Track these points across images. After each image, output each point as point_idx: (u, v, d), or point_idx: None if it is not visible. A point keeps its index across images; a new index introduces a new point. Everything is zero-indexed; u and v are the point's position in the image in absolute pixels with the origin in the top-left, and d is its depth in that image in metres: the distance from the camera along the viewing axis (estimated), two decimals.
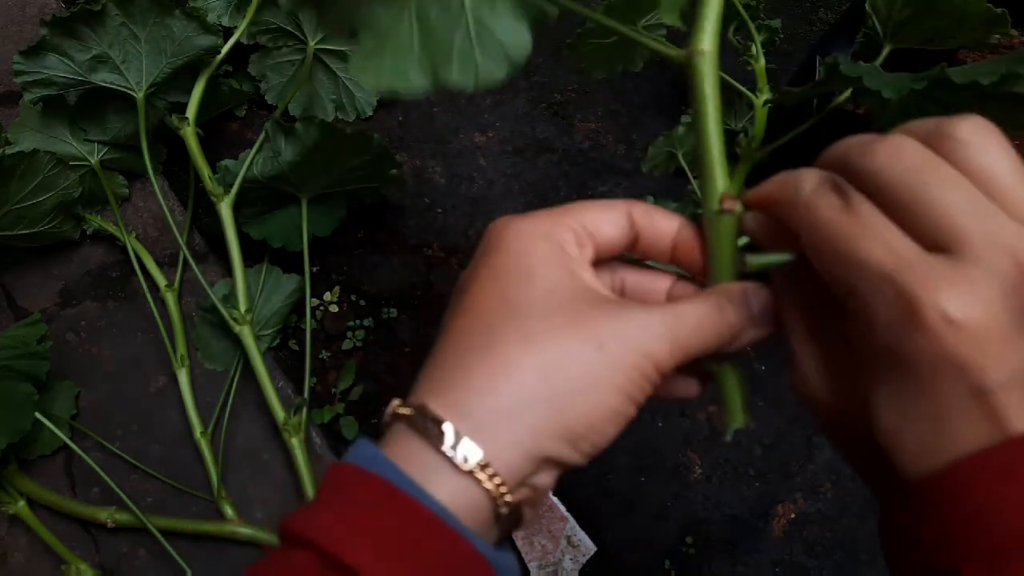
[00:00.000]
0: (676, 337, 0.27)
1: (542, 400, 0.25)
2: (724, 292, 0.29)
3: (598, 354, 0.26)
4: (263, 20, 0.78)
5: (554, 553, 0.68)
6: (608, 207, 0.30)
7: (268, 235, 0.72)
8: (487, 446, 0.25)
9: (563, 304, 0.27)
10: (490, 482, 0.25)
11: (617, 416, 0.26)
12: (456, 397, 0.26)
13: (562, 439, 0.26)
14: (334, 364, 0.76)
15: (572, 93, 0.91)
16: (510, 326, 0.26)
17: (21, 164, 0.65)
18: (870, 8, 0.63)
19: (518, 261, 0.27)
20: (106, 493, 0.66)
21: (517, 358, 0.26)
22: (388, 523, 0.24)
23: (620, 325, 0.26)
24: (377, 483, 0.25)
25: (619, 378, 0.26)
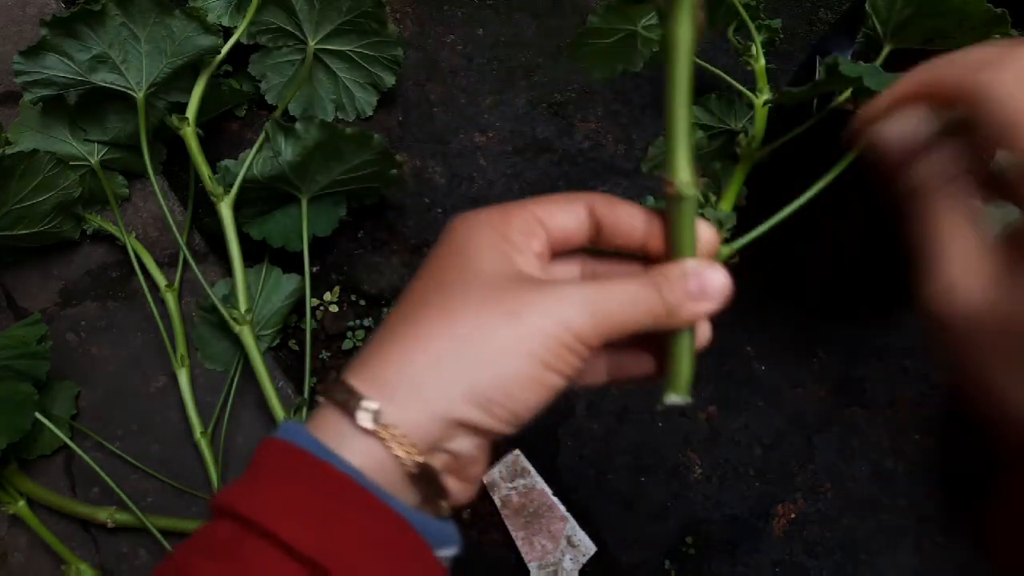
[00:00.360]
0: (598, 309, 0.27)
1: (452, 366, 0.27)
2: (661, 270, 0.29)
3: (511, 322, 0.27)
4: (263, 20, 0.78)
5: (554, 553, 0.68)
6: (567, 199, 0.31)
7: (268, 235, 0.72)
8: (394, 408, 0.26)
9: (488, 283, 0.28)
10: (394, 441, 0.26)
11: (534, 383, 0.27)
12: (372, 369, 0.28)
13: (473, 403, 0.27)
14: (334, 364, 0.76)
15: (572, 93, 0.91)
16: (433, 303, 0.28)
17: (21, 164, 0.65)
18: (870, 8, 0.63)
19: (459, 248, 0.29)
20: (106, 493, 0.66)
21: (433, 330, 0.27)
22: (300, 486, 0.26)
23: (536, 296, 0.27)
24: (293, 451, 0.27)
25: (532, 345, 0.26)
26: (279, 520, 0.25)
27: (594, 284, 0.28)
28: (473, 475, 0.29)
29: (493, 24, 0.95)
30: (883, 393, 0.77)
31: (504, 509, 0.69)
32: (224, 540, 0.25)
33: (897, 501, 0.72)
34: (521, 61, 0.93)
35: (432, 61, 0.92)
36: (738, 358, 0.78)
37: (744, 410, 0.75)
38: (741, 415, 0.75)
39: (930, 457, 0.74)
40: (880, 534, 0.71)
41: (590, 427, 0.74)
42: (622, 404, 0.75)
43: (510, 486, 0.70)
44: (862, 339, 0.79)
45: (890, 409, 0.76)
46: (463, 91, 0.91)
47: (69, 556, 0.63)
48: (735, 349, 0.78)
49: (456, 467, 0.28)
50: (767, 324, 0.79)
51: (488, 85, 0.91)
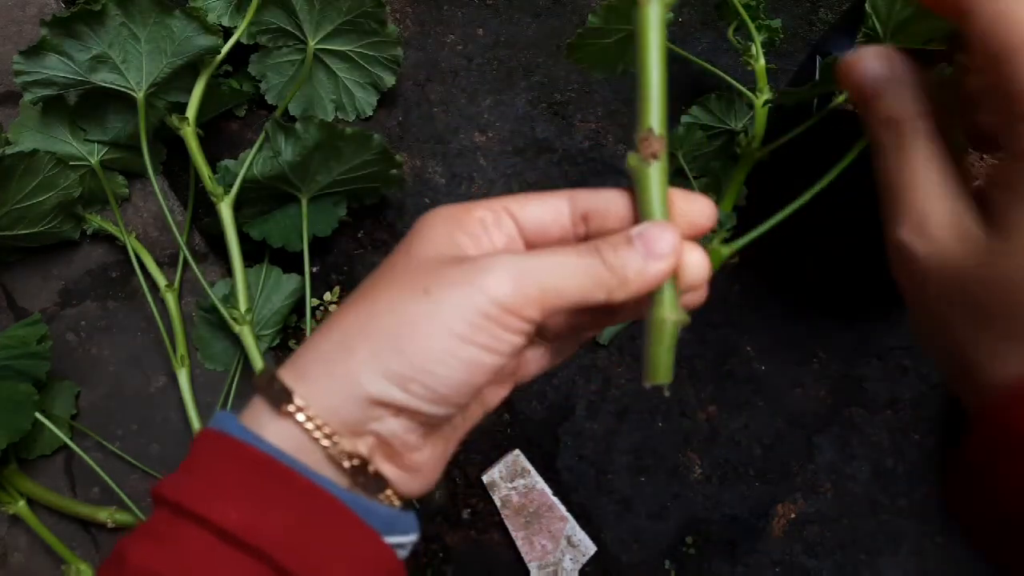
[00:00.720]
0: (527, 278, 0.26)
1: (362, 344, 0.26)
2: (604, 238, 0.28)
3: (423, 298, 0.26)
4: (263, 20, 0.78)
5: (554, 553, 0.68)
6: (545, 193, 0.30)
7: (268, 235, 0.72)
8: (307, 390, 0.26)
9: (418, 266, 0.27)
10: (309, 422, 0.26)
11: (452, 358, 0.26)
12: (295, 356, 0.28)
13: (386, 380, 0.26)
14: None
15: (572, 93, 0.91)
16: (360, 291, 0.28)
17: (21, 164, 0.65)
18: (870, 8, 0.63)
19: (413, 236, 0.29)
20: (106, 493, 0.66)
21: (350, 312, 0.27)
22: (228, 470, 0.26)
23: (455, 270, 0.26)
24: (220, 438, 0.27)
25: (446, 317, 0.25)
26: (208, 503, 0.25)
27: (526, 252, 0.27)
28: (417, 463, 0.28)
29: (493, 24, 0.95)
30: (883, 393, 0.77)
31: (504, 509, 0.69)
32: (162, 527, 0.26)
33: (897, 501, 0.72)
34: (521, 61, 0.93)
35: (432, 61, 0.92)
36: (738, 358, 0.78)
37: (744, 410, 0.75)
38: (741, 415, 0.75)
39: (930, 457, 0.74)
40: (880, 534, 0.71)
41: (590, 427, 0.74)
42: (622, 404, 0.75)
43: (510, 486, 0.70)
44: (862, 339, 0.79)
45: (890, 409, 0.76)
46: (463, 91, 0.91)
47: (69, 556, 0.63)
48: (735, 349, 0.78)
49: (390, 452, 0.28)
50: (767, 324, 0.79)
51: (488, 85, 0.91)
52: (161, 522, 0.26)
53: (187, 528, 0.25)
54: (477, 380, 0.27)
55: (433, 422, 0.28)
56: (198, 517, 0.25)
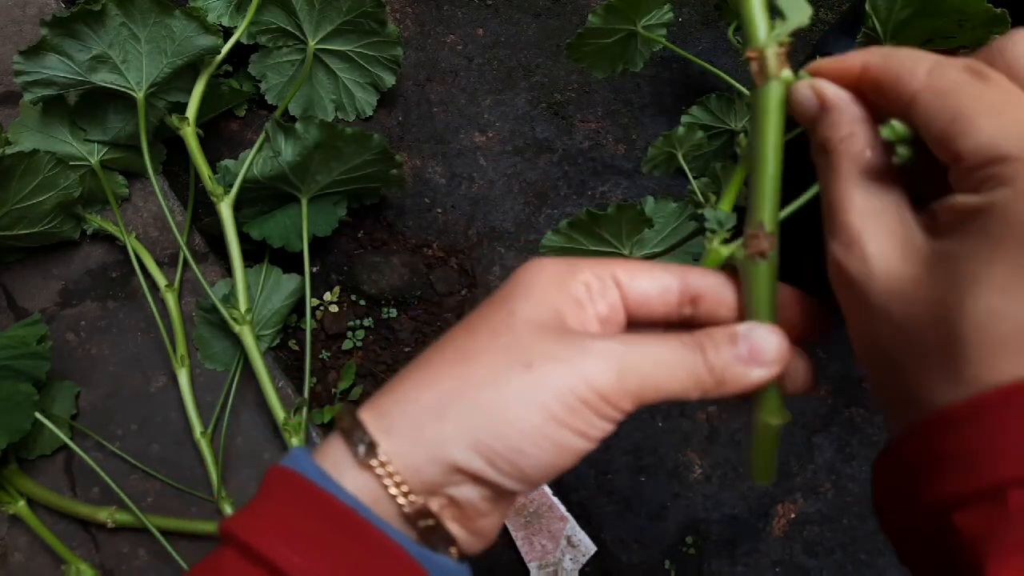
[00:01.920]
0: (627, 367, 0.25)
1: (456, 409, 0.25)
2: (709, 333, 0.27)
3: (524, 373, 0.25)
4: (263, 20, 0.78)
5: (554, 553, 0.68)
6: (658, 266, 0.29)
7: (268, 235, 0.72)
8: (393, 445, 0.26)
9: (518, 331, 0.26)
10: (389, 478, 0.25)
11: (545, 440, 0.25)
12: (382, 403, 0.27)
13: (474, 451, 0.25)
14: (334, 364, 0.76)
15: (572, 93, 0.91)
16: (457, 344, 0.27)
17: (21, 164, 0.65)
18: (870, 8, 0.63)
19: (511, 292, 0.28)
20: (106, 493, 0.66)
21: (445, 369, 0.26)
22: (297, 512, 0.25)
23: (559, 348, 0.25)
24: (293, 478, 0.26)
25: (545, 398, 0.25)
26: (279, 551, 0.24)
27: (628, 340, 0.26)
28: (483, 527, 0.28)
29: (493, 24, 0.95)
30: None
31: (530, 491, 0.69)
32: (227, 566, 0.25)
33: None
34: (521, 61, 0.93)
35: (432, 61, 0.92)
36: None
37: (744, 410, 0.75)
38: (741, 415, 0.75)
39: None
40: (880, 534, 0.71)
41: None
42: None
43: None
44: None
45: None
46: (463, 91, 0.91)
47: (69, 556, 0.63)
48: None
49: (460, 515, 0.27)
50: None
51: (488, 85, 0.91)
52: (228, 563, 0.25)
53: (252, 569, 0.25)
54: (562, 463, 0.26)
55: (508, 494, 0.27)
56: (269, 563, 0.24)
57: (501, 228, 0.83)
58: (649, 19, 0.73)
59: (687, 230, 0.74)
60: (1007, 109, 0.22)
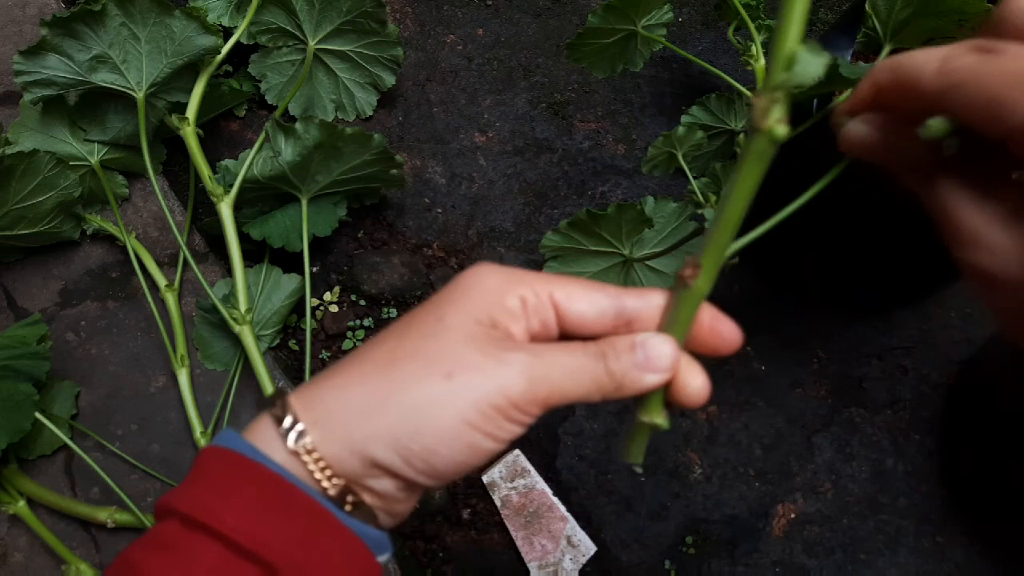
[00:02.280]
0: (537, 375, 0.28)
1: (380, 410, 0.28)
2: (611, 342, 0.30)
3: (444, 383, 0.27)
4: (263, 20, 0.78)
5: (554, 553, 0.68)
6: (597, 289, 0.30)
7: (268, 235, 0.72)
8: (319, 436, 0.28)
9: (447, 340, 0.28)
10: (314, 464, 0.28)
11: (457, 442, 0.27)
12: (312, 392, 0.29)
13: (391, 449, 0.27)
14: None
15: (572, 93, 0.91)
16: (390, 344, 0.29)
17: (21, 164, 0.65)
18: (870, 8, 0.63)
19: (450, 296, 0.29)
20: (106, 493, 0.66)
21: (376, 371, 0.28)
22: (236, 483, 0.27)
23: (476, 357, 0.28)
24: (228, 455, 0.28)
25: (462, 406, 0.27)
26: (218, 515, 0.26)
27: (538, 351, 0.28)
28: (398, 511, 0.30)
29: (493, 24, 0.95)
30: (883, 393, 0.77)
31: (504, 509, 0.69)
32: (170, 537, 0.27)
33: (897, 501, 0.72)
34: (521, 61, 0.93)
35: (432, 61, 0.92)
36: (738, 358, 0.78)
37: (744, 410, 0.75)
38: (741, 415, 0.75)
39: (930, 457, 0.74)
40: (880, 534, 0.71)
41: (590, 427, 0.74)
42: (622, 404, 0.75)
43: (510, 486, 0.70)
44: (862, 339, 0.79)
45: (890, 409, 0.76)
46: (463, 91, 0.91)
47: (69, 556, 0.63)
48: None
49: (380, 504, 0.29)
50: (767, 323, 0.79)
51: (488, 85, 0.91)
52: (171, 532, 0.27)
53: (199, 539, 0.26)
54: (473, 462, 0.28)
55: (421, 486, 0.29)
56: (210, 529, 0.26)
57: (501, 228, 0.83)
58: (649, 19, 0.73)
59: (687, 230, 0.74)
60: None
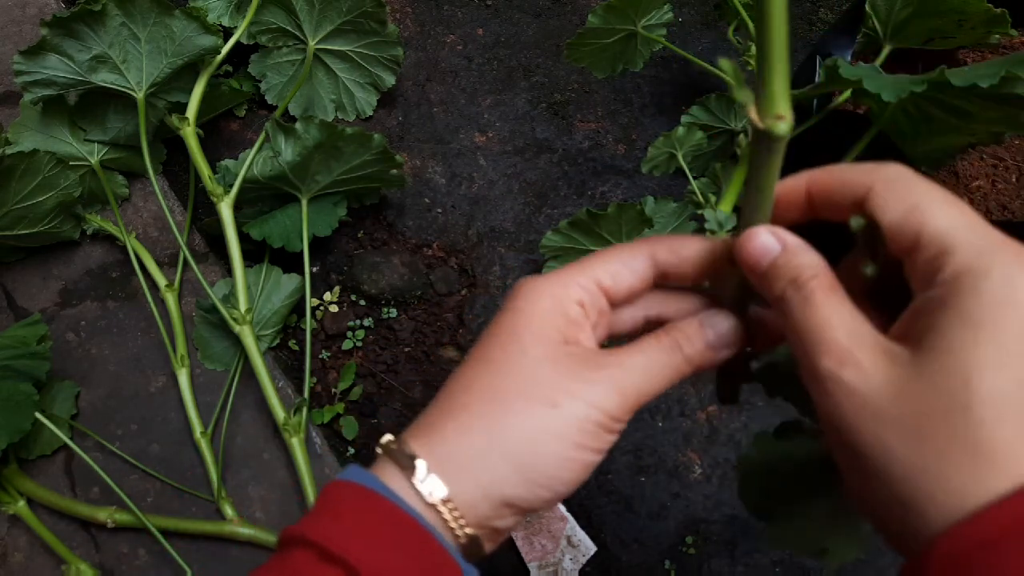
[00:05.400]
0: (625, 388, 0.30)
1: (503, 451, 0.29)
2: (680, 329, 0.32)
3: (552, 412, 0.29)
4: (263, 20, 0.78)
5: (554, 553, 0.68)
6: (630, 255, 0.32)
7: (268, 235, 0.72)
8: (452, 485, 0.29)
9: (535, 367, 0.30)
10: (450, 515, 0.29)
11: (571, 462, 0.30)
12: (432, 440, 0.30)
13: (522, 486, 0.29)
14: (334, 364, 0.76)
15: (572, 93, 0.91)
16: (486, 384, 0.31)
17: (21, 164, 0.65)
18: (870, 8, 0.63)
19: (517, 322, 0.31)
20: (106, 493, 0.66)
21: (486, 412, 0.30)
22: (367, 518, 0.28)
23: (571, 385, 0.30)
24: (362, 491, 0.29)
25: (571, 431, 0.29)
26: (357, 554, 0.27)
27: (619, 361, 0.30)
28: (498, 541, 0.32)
29: (493, 24, 0.95)
30: None
31: None
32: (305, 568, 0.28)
33: None
34: (521, 61, 0.93)
35: (432, 61, 0.92)
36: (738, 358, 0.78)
37: (744, 410, 0.75)
38: (741, 415, 0.75)
39: None
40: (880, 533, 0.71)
41: None
42: None
43: None
44: None
45: None
46: (463, 91, 0.91)
47: (69, 556, 0.63)
48: None
49: (495, 538, 0.32)
50: None
51: (488, 85, 0.91)
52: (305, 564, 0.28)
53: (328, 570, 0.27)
54: (583, 476, 0.31)
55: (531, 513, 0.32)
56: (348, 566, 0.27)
57: (501, 228, 0.83)
58: (649, 19, 0.73)
59: (687, 230, 0.74)
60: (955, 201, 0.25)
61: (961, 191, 0.66)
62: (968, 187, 0.66)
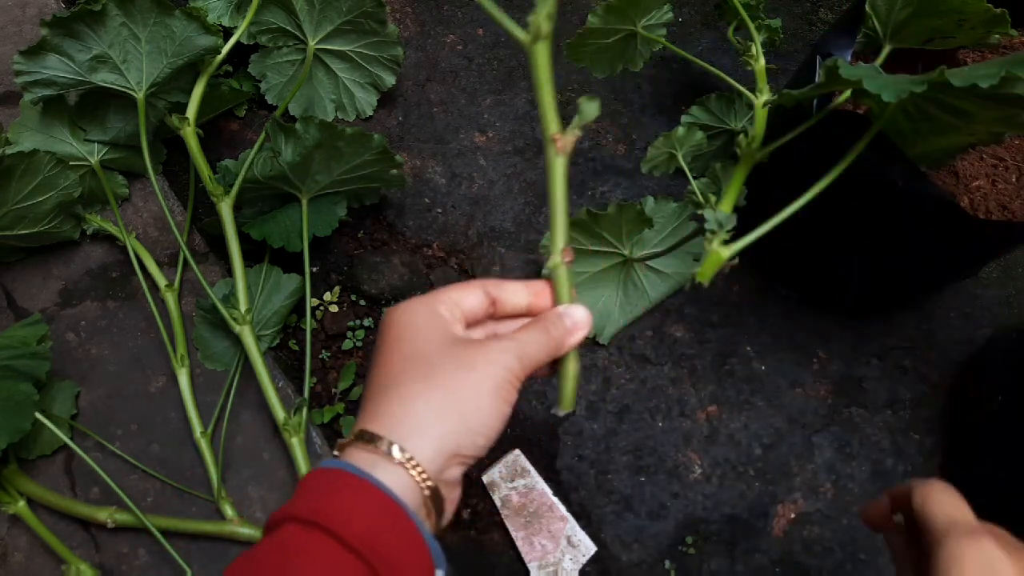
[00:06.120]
0: (522, 354, 0.39)
1: (445, 411, 0.37)
2: (546, 316, 0.42)
3: (473, 373, 0.38)
4: (263, 20, 0.78)
5: (554, 553, 0.68)
6: (467, 287, 0.42)
7: (268, 235, 0.72)
8: (411, 447, 0.36)
9: (443, 348, 0.39)
10: (414, 470, 0.35)
11: (496, 411, 0.38)
12: (386, 421, 0.37)
13: (464, 435, 0.37)
14: (334, 364, 0.76)
15: (572, 93, 0.91)
16: (410, 368, 0.38)
17: (21, 164, 0.65)
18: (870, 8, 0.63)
19: (406, 327, 0.40)
20: (106, 493, 0.66)
21: (421, 387, 0.37)
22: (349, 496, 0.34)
23: (484, 353, 0.38)
24: (339, 473, 0.35)
25: (490, 385, 0.37)
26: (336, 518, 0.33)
27: (513, 337, 0.40)
28: (454, 497, 0.39)
29: (493, 24, 0.95)
30: (883, 393, 0.77)
31: (504, 509, 0.69)
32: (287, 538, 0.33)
33: None
34: (521, 61, 0.93)
35: (432, 61, 0.92)
36: (738, 358, 0.78)
37: (744, 410, 0.75)
38: (741, 415, 0.75)
39: (930, 457, 0.74)
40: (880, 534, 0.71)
41: (590, 427, 0.74)
42: (622, 404, 0.75)
43: (510, 486, 0.70)
44: (862, 339, 0.79)
45: (890, 409, 0.76)
46: (463, 91, 0.91)
47: (69, 556, 0.63)
48: (735, 349, 0.78)
49: (449, 489, 0.38)
50: (767, 324, 0.79)
51: (488, 85, 0.91)
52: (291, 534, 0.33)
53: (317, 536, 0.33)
54: (503, 425, 0.38)
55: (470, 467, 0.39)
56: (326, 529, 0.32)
57: (501, 228, 0.83)
58: (649, 19, 0.73)
59: (687, 230, 0.74)
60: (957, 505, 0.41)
61: (961, 191, 0.66)
62: (968, 187, 0.66)
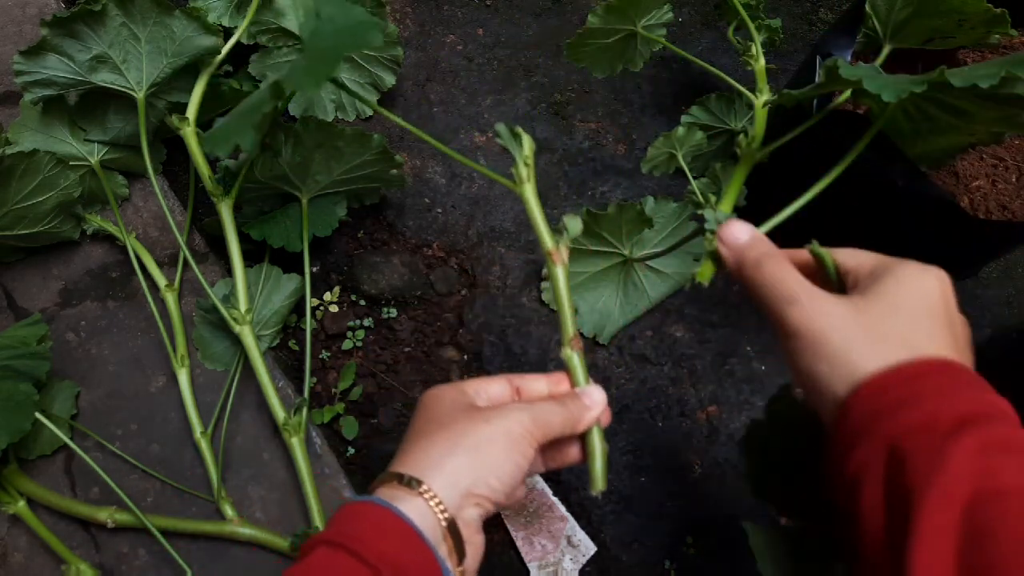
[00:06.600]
0: (536, 416, 0.44)
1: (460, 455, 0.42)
2: (565, 394, 0.48)
3: (486, 425, 0.43)
4: (263, 20, 0.78)
5: (554, 553, 0.68)
6: (492, 378, 0.48)
7: (268, 235, 0.72)
8: (427, 480, 0.41)
9: (465, 411, 0.45)
10: (432, 501, 0.40)
11: (508, 462, 0.43)
12: (407, 462, 0.43)
13: (474, 477, 0.42)
14: (334, 364, 0.76)
15: (572, 93, 0.91)
16: (435, 426, 0.44)
17: (21, 164, 0.65)
18: (870, 8, 0.63)
19: (435, 399, 0.46)
20: (106, 493, 0.66)
21: (443, 439, 0.43)
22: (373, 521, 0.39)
23: (499, 410, 0.44)
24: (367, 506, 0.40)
25: (503, 436, 0.43)
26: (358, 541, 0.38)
27: (530, 403, 0.46)
28: (476, 543, 0.43)
29: (493, 24, 0.95)
30: None
31: (504, 509, 0.69)
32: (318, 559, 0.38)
33: None
34: (521, 61, 0.93)
35: (432, 61, 0.92)
36: (738, 358, 0.78)
37: (744, 410, 0.75)
38: (741, 415, 0.75)
39: None
40: None
41: None
42: (622, 404, 0.75)
43: None
44: None
45: None
46: (463, 91, 0.91)
47: (69, 556, 0.63)
48: (735, 349, 0.78)
49: (467, 533, 0.42)
50: (767, 324, 0.79)
51: (488, 85, 0.91)
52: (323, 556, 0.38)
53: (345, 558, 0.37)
54: (518, 479, 0.43)
55: (490, 511, 0.43)
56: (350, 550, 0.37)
57: (501, 228, 0.83)
58: (649, 19, 0.73)
59: (687, 230, 0.74)
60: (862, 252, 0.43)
61: (961, 191, 0.66)
62: (968, 187, 0.66)
